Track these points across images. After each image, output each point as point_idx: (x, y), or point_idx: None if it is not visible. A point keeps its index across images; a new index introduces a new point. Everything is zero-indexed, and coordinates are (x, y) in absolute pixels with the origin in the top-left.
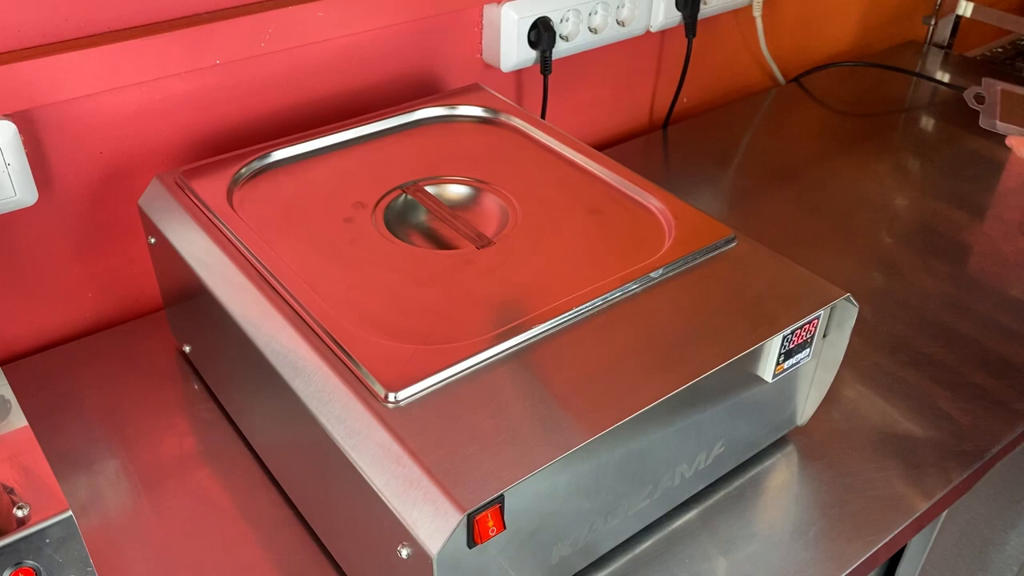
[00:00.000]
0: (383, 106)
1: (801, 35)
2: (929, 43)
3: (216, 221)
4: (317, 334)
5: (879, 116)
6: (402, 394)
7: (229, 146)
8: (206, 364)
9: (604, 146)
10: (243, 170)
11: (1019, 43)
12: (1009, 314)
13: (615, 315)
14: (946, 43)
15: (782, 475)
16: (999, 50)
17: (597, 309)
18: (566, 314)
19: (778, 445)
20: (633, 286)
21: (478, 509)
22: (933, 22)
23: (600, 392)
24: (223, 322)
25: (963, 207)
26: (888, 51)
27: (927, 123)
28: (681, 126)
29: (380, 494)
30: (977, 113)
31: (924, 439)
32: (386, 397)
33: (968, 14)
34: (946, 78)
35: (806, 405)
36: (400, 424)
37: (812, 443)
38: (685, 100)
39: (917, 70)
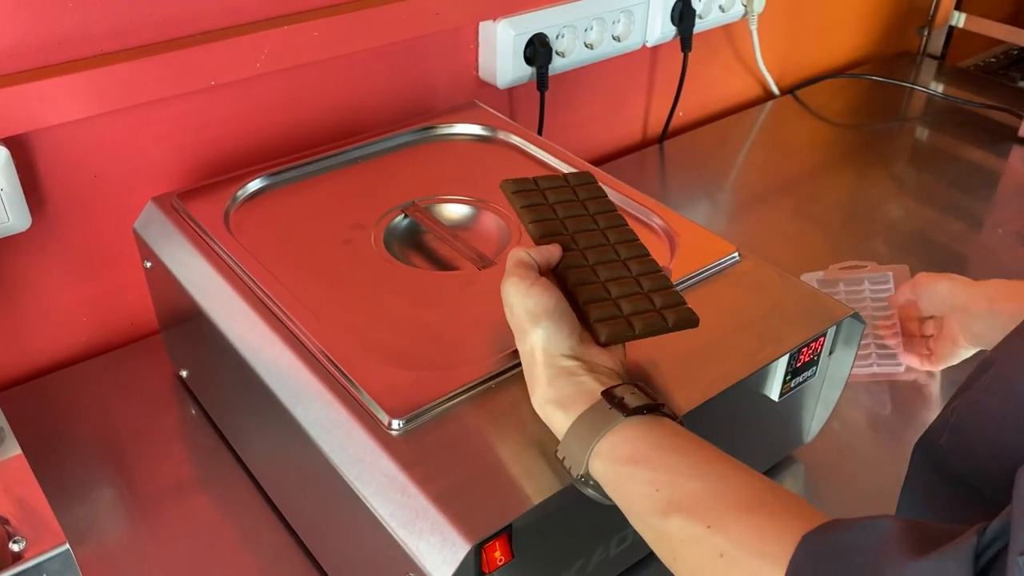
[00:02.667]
0: (380, 125)
1: (796, 48)
2: (923, 54)
3: (213, 244)
4: (318, 360)
5: (874, 127)
6: (406, 421)
7: (226, 168)
8: (204, 390)
9: (601, 161)
10: (240, 192)
11: (1011, 52)
12: None
13: None
14: (939, 54)
15: None
16: (992, 60)
17: None
18: None
19: (785, 464)
20: None
21: (486, 539)
22: (926, 33)
23: None
24: (221, 348)
25: (960, 217)
26: (882, 62)
27: (922, 134)
28: (677, 140)
29: (386, 524)
30: (973, 123)
31: None
32: (390, 424)
33: (961, 24)
34: (940, 89)
35: (812, 422)
36: (405, 452)
37: (819, 461)
38: (681, 114)
39: (911, 81)
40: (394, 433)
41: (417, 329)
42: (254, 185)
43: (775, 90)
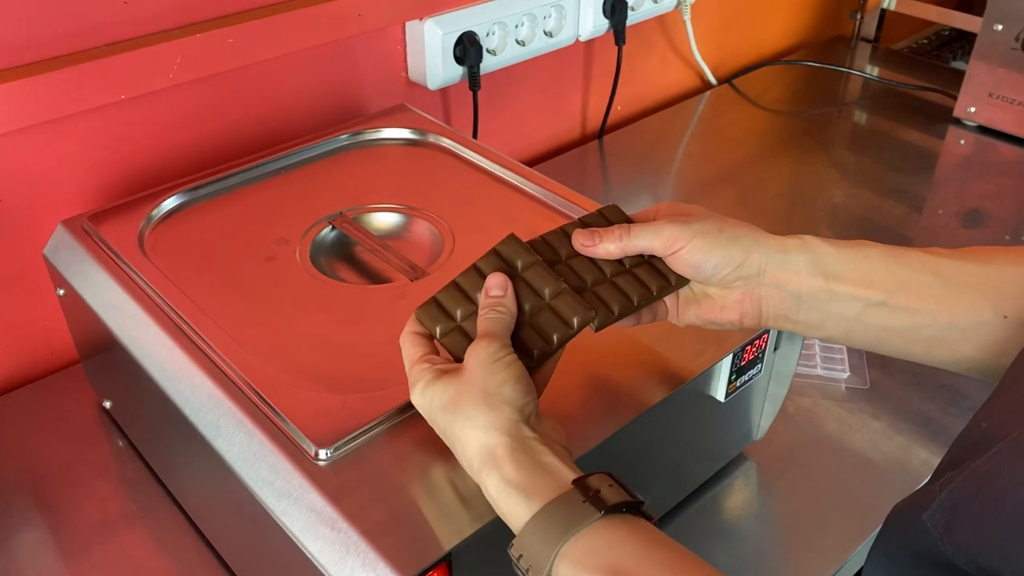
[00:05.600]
0: (304, 133)
1: (730, 36)
2: (857, 37)
3: (127, 269)
4: (239, 388)
5: (812, 113)
6: (334, 450)
7: (141, 186)
8: (129, 421)
9: (539, 160)
10: (155, 212)
11: (943, 33)
12: None
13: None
14: (873, 37)
15: (741, 494)
16: (924, 41)
17: None
18: None
19: (736, 463)
20: None
21: (423, 572)
22: (859, 16)
23: None
24: (139, 378)
25: (902, 200)
26: (817, 47)
27: (860, 117)
28: (616, 135)
29: (315, 561)
30: (908, 105)
31: (884, 445)
32: (316, 455)
33: (893, 7)
34: (875, 72)
35: (761, 420)
36: (333, 483)
37: (771, 457)
38: (619, 108)
39: (847, 65)
40: (321, 463)
41: (345, 348)
42: (170, 203)
43: (712, 80)
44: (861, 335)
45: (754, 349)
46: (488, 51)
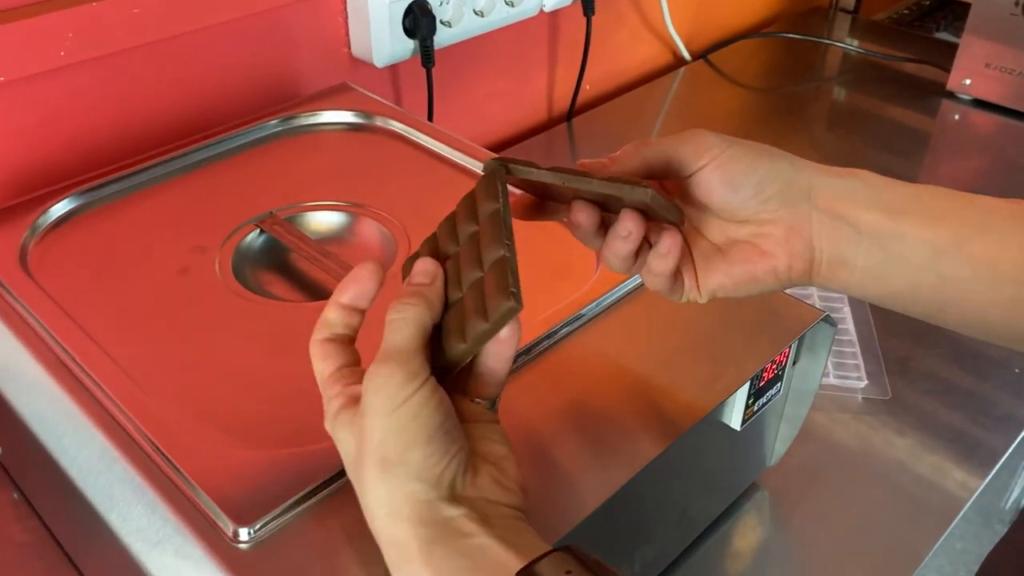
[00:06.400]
0: (230, 120)
1: (704, 8)
2: (835, 8)
3: (4, 292)
4: (138, 444)
5: (793, 89)
6: (259, 528)
7: (24, 188)
8: (22, 471)
9: (503, 146)
10: (41, 220)
11: (923, 3)
12: None
13: (539, 373)
14: (852, 7)
15: (754, 532)
16: (905, 12)
17: (516, 368)
18: None
19: (746, 493)
20: (560, 329)
21: None
22: None
23: (532, 496)
24: (20, 429)
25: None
26: (794, 19)
27: (844, 93)
28: (586, 117)
29: None
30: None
31: (914, 465)
32: (236, 534)
33: None
34: (855, 43)
35: (776, 443)
36: (258, 572)
37: (785, 484)
38: (588, 88)
39: (825, 37)
40: (242, 546)
41: (275, 386)
42: (61, 208)
43: (686, 56)
44: (929, 292)
45: (774, 367)
46: (442, 22)
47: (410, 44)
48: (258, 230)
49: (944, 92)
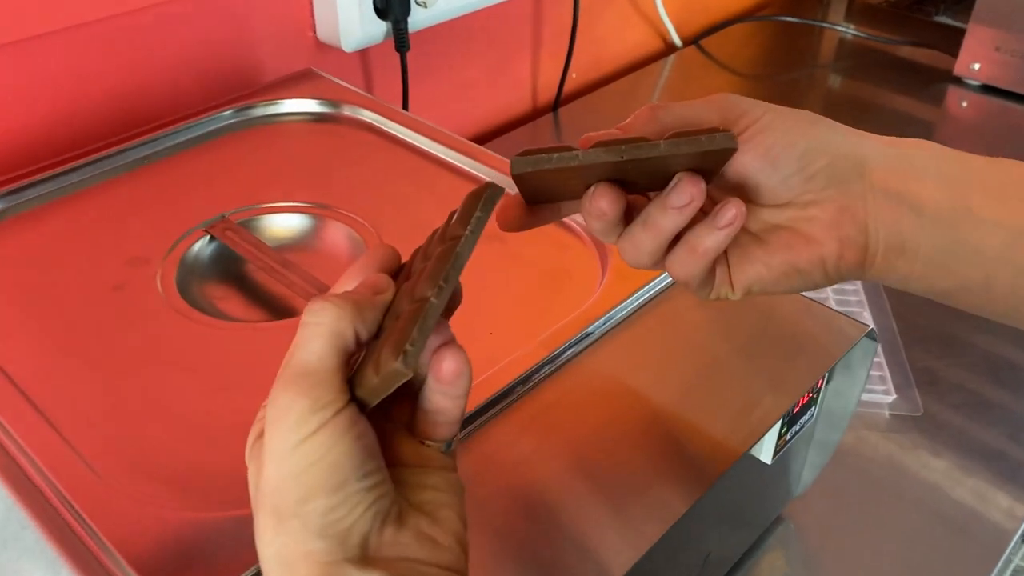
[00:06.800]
0: (179, 111)
1: None
2: None
3: None
4: (53, 507)
5: (790, 76)
6: None
7: None
8: None
9: (486, 138)
10: None
11: None
12: None
13: (539, 407)
14: None
15: (780, 573)
16: None
17: (510, 401)
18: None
19: (770, 528)
20: (563, 353)
21: None
22: None
23: (536, 565)
24: None
25: None
26: (788, 2)
27: (843, 80)
28: (573, 107)
29: None
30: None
31: (953, 490)
32: None
33: None
34: (852, 27)
35: (804, 471)
36: None
37: (812, 515)
38: (575, 76)
39: (821, 20)
40: None
41: (226, 430)
42: None
43: (677, 41)
44: (1007, 286)
45: (809, 391)
46: (417, 3)
47: (382, 27)
48: (208, 237)
49: (950, 78)
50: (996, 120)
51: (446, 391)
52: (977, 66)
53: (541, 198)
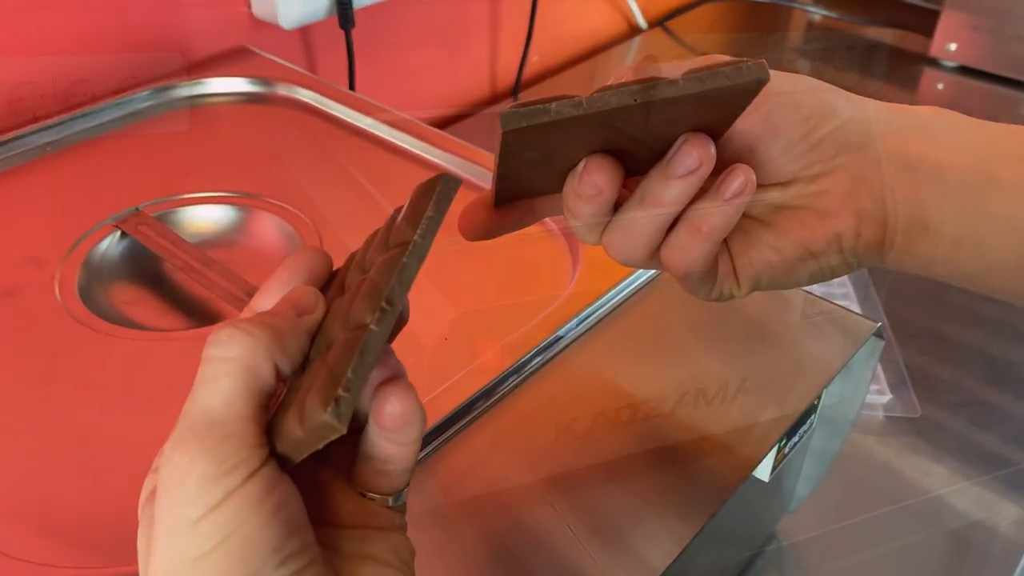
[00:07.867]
0: (96, 92)
1: None
2: None
3: None
4: None
5: (757, 57)
6: None
7: None
8: None
9: (441, 124)
10: None
11: None
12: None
13: (508, 423)
14: None
15: None
16: None
17: (470, 419)
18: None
19: (761, 549)
20: (532, 360)
21: None
22: None
23: None
24: None
25: None
26: None
27: (814, 63)
28: (534, 91)
29: None
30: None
31: (956, 499)
32: None
33: None
34: (821, 7)
35: (798, 485)
36: None
37: (806, 531)
38: (535, 59)
39: (788, 0)
40: None
41: (135, 464)
42: None
43: (642, 23)
44: None
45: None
46: None
47: (324, 2)
48: (118, 233)
49: (925, 59)
50: (974, 102)
51: (391, 438)
52: (953, 47)
53: (518, 189)
